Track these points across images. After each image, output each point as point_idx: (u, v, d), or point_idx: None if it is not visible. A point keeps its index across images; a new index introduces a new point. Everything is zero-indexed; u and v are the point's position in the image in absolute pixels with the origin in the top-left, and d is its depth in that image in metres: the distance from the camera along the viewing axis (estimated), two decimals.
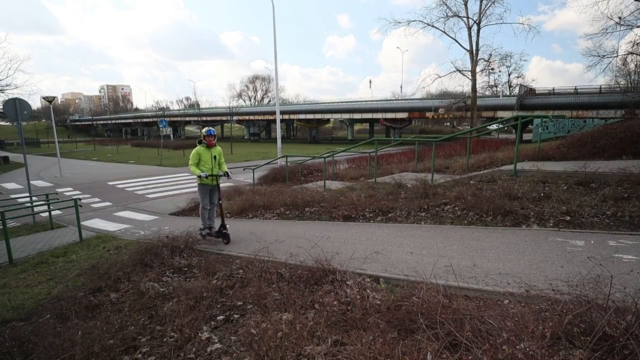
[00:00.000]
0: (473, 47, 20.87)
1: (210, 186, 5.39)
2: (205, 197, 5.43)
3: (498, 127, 32.86)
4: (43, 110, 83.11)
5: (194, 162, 5.24)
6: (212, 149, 5.36)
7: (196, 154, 5.24)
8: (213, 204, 5.50)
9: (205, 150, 5.30)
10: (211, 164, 5.32)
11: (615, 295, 2.15)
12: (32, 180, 13.14)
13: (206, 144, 5.28)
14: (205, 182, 5.27)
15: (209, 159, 5.32)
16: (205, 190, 5.41)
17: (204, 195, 5.43)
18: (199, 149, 5.27)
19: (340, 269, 3.23)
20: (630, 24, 14.22)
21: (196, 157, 5.24)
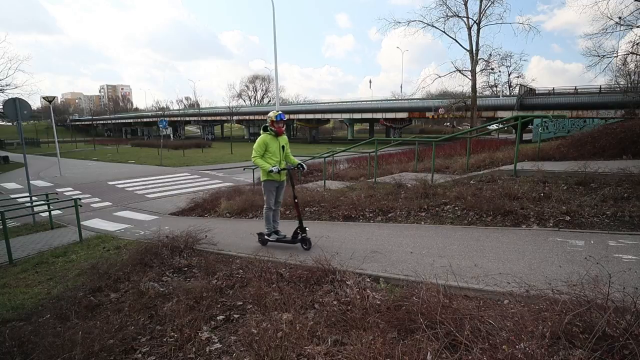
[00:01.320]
0: (473, 47, 20.88)
1: (277, 182, 4.60)
2: (272, 195, 4.64)
3: (498, 127, 32.89)
4: (43, 110, 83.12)
5: (260, 154, 4.43)
6: (280, 137, 4.57)
7: (262, 143, 4.43)
8: (279, 203, 4.80)
9: (273, 139, 4.49)
10: (279, 155, 4.54)
11: (615, 295, 2.15)
12: (32, 180, 13.14)
13: (274, 131, 4.47)
14: (273, 177, 4.50)
15: (277, 150, 4.52)
16: (272, 188, 4.60)
17: (270, 193, 4.63)
18: (265, 138, 4.46)
19: (340, 268, 3.23)
20: (630, 24, 14.20)
21: (262, 147, 4.43)
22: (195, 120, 65.85)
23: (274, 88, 65.27)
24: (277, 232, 4.75)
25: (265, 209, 4.70)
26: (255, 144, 4.45)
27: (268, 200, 4.65)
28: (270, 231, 4.74)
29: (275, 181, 4.56)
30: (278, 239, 4.67)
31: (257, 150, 4.44)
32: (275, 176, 4.49)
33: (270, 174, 4.43)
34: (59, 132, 34.60)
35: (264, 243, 4.85)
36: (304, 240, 4.40)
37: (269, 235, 4.74)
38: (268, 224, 4.74)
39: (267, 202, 4.66)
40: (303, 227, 4.37)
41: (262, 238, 4.85)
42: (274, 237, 4.70)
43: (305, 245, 4.40)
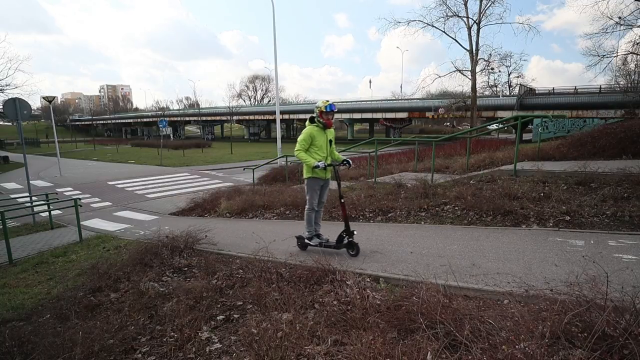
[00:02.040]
0: (473, 47, 20.89)
1: (322, 180, 4.16)
2: (316, 195, 4.18)
3: (498, 127, 32.88)
4: (43, 110, 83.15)
5: (304, 147, 4.00)
6: (328, 130, 4.15)
7: (308, 136, 3.98)
8: (322, 203, 4.37)
9: (320, 132, 4.05)
10: (326, 150, 4.11)
11: (614, 294, 2.16)
12: (32, 180, 13.14)
13: (323, 123, 4.03)
14: (318, 175, 4.06)
15: (324, 144, 4.08)
16: (317, 186, 4.15)
17: (315, 192, 4.17)
18: (311, 130, 4.01)
19: (340, 268, 3.24)
20: (630, 24, 14.24)
21: (308, 140, 3.98)
22: (195, 120, 65.84)
23: (274, 88, 65.24)
24: (318, 236, 4.29)
25: (308, 209, 4.24)
26: (301, 137, 4.00)
27: (311, 200, 4.20)
28: (311, 234, 4.28)
29: (320, 179, 4.12)
30: (320, 243, 4.21)
31: (301, 143, 3.98)
32: (321, 173, 4.05)
33: (315, 171, 3.98)
34: (59, 132, 34.60)
35: (303, 247, 4.39)
36: (350, 245, 3.94)
37: (310, 239, 4.29)
38: (310, 227, 4.29)
39: (310, 202, 4.20)
40: (350, 230, 3.89)
41: (302, 242, 4.37)
42: (315, 241, 4.24)
43: (352, 251, 3.93)
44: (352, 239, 3.91)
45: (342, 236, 3.96)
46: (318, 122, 4.06)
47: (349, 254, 3.93)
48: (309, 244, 4.28)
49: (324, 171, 4.03)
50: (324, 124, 4.05)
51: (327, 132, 4.14)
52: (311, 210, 4.22)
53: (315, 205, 4.21)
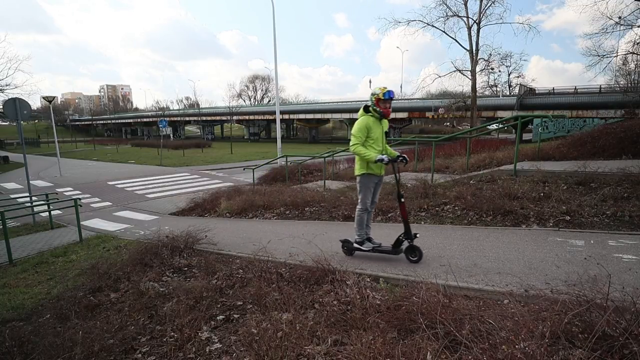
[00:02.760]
0: (473, 47, 20.87)
1: (377, 177, 3.72)
2: (370, 193, 3.75)
3: (498, 127, 32.89)
4: (43, 110, 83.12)
5: (361, 140, 3.56)
6: (383, 121, 3.72)
7: (364, 127, 3.56)
8: (375, 203, 3.94)
9: (376, 122, 3.64)
10: (382, 143, 3.68)
11: (615, 294, 2.16)
12: (32, 180, 13.14)
13: (380, 113, 3.59)
14: (373, 171, 3.64)
15: (380, 136, 3.66)
16: (371, 184, 3.72)
17: (369, 190, 3.72)
18: (367, 121, 3.59)
19: (340, 268, 3.23)
20: (630, 24, 14.23)
21: (364, 132, 3.56)
22: (195, 120, 65.87)
23: (273, 88, 65.30)
24: (370, 240, 3.86)
25: (360, 210, 3.77)
26: (355, 128, 3.58)
27: (364, 199, 3.74)
28: (362, 239, 3.82)
29: (375, 175, 3.69)
30: (375, 248, 3.76)
31: (357, 135, 3.55)
32: (376, 169, 3.64)
33: (371, 167, 3.60)
34: (59, 132, 34.60)
35: (349, 252, 3.95)
36: (411, 249, 3.53)
37: (361, 243, 3.82)
38: (361, 229, 3.82)
39: (363, 201, 3.75)
40: (411, 233, 3.50)
41: (350, 246, 3.94)
42: (367, 245, 3.79)
43: (412, 256, 3.53)
44: (412, 242, 3.52)
45: (400, 240, 3.58)
46: (374, 112, 3.60)
47: (408, 260, 3.56)
48: (360, 249, 3.84)
49: (380, 167, 3.64)
50: (381, 114, 3.59)
51: (383, 123, 3.71)
52: (364, 211, 3.77)
53: (369, 205, 3.78)
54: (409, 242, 3.53)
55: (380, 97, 3.52)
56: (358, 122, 3.61)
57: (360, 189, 3.76)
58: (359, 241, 3.84)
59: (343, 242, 4.04)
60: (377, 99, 3.55)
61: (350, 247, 3.94)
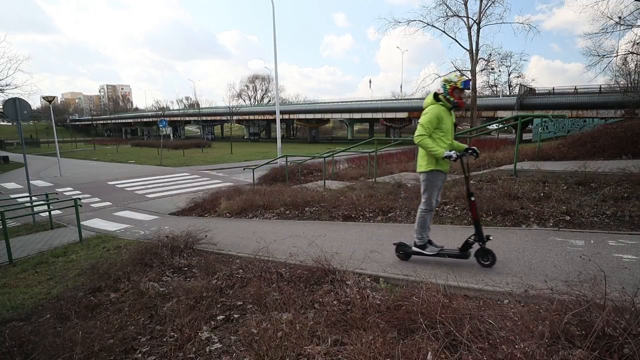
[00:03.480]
0: (473, 47, 20.88)
1: (444, 174, 3.40)
2: (436, 191, 3.43)
3: (498, 127, 32.89)
4: (43, 110, 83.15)
5: (429, 132, 3.23)
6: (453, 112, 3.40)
7: (435, 118, 3.21)
8: (438, 202, 3.63)
9: (447, 113, 3.30)
10: (451, 136, 3.37)
11: (614, 294, 2.16)
12: (32, 180, 13.14)
13: (453, 103, 3.26)
14: (443, 167, 3.32)
15: (451, 128, 3.35)
16: (439, 181, 3.40)
17: (436, 188, 3.40)
18: (439, 110, 3.23)
19: (340, 268, 3.24)
20: (630, 24, 14.22)
21: (434, 123, 3.22)
22: (195, 120, 65.89)
23: (273, 88, 65.32)
24: (431, 242, 3.53)
25: (423, 210, 3.43)
26: (425, 118, 3.23)
27: (430, 198, 3.40)
28: (424, 241, 3.48)
29: (442, 172, 3.36)
30: (440, 252, 3.42)
31: (427, 126, 3.21)
32: (444, 165, 3.32)
33: (440, 163, 3.27)
34: (59, 132, 34.62)
35: (406, 257, 3.63)
36: (483, 253, 3.21)
37: (423, 246, 3.48)
38: (423, 231, 3.47)
39: (428, 201, 3.41)
40: (483, 235, 3.19)
41: (407, 250, 3.61)
42: (431, 249, 3.45)
43: (485, 260, 3.20)
44: (484, 244, 3.20)
45: (469, 242, 3.26)
46: (445, 101, 3.26)
47: (480, 264, 3.24)
48: (422, 252, 3.48)
49: (447, 162, 3.30)
50: (454, 104, 3.26)
51: (452, 114, 3.40)
52: (428, 212, 3.43)
53: (435, 204, 3.46)
54: (481, 244, 3.21)
55: (458, 86, 3.19)
56: (428, 112, 3.24)
57: (426, 187, 3.40)
58: (421, 244, 3.50)
59: (398, 246, 3.68)
60: (453, 87, 3.19)
61: (408, 251, 3.59)
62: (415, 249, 3.53)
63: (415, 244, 3.52)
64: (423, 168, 3.35)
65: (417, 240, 3.50)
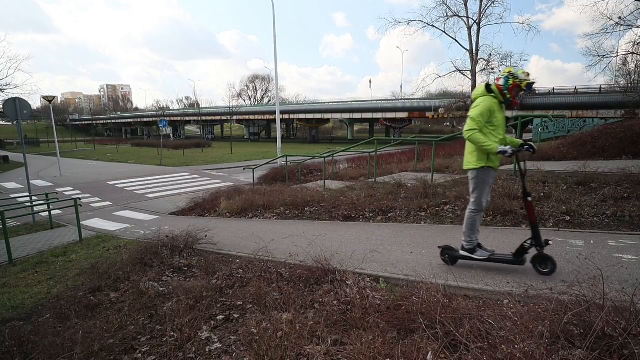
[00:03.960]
0: (473, 47, 20.86)
1: (494, 171, 3.18)
2: (487, 189, 3.19)
3: None
4: (43, 110, 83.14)
5: (481, 125, 3.00)
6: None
7: (487, 111, 2.99)
8: (488, 202, 3.34)
9: (499, 106, 3.09)
10: (503, 131, 3.14)
11: (614, 294, 2.16)
12: (32, 179, 13.14)
13: (509, 100, 3.03)
14: (494, 163, 3.10)
15: (503, 123, 3.12)
16: (490, 178, 3.17)
17: (486, 186, 3.16)
18: (491, 103, 3.02)
19: (340, 268, 3.24)
20: (630, 24, 14.22)
21: (486, 116, 3.00)
22: (195, 120, 65.90)
23: (273, 88, 65.35)
24: (480, 246, 3.25)
25: (472, 211, 3.18)
26: (476, 111, 3.00)
27: (480, 198, 3.15)
28: (473, 245, 3.21)
29: (493, 169, 3.14)
30: (491, 257, 3.15)
31: (477, 119, 2.98)
32: (496, 162, 3.10)
33: (491, 159, 3.05)
34: (59, 131, 34.61)
35: (452, 262, 3.37)
36: (542, 259, 2.94)
37: (473, 250, 3.21)
38: (472, 234, 3.21)
39: (478, 200, 3.15)
40: (541, 239, 2.90)
41: (454, 254, 3.35)
42: (481, 253, 3.19)
43: (543, 267, 2.93)
44: (542, 249, 2.93)
45: (524, 247, 2.98)
46: (499, 95, 3.03)
47: (537, 271, 2.95)
48: (471, 257, 3.22)
49: (498, 159, 3.10)
50: (508, 101, 3.05)
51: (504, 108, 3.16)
52: (478, 212, 3.18)
53: (485, 204, 3.21)
54: (539, 250, 2.93)
55: (522, 87, 2.96)
56: (479, 104, 3.02)
57: (475, 185, 3.15)
58: (470, 248, 3.23)
59: (444, 249, 3.42)
60: (516, 85, 2.96)
61: (455, 255, 3.34)
62: (464, 253, 3.27)
63: (463, 248, 3.27)
64: (472, 165, 3.12)
65: (466, 243, 3.25)
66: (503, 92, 3.02)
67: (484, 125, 3.01)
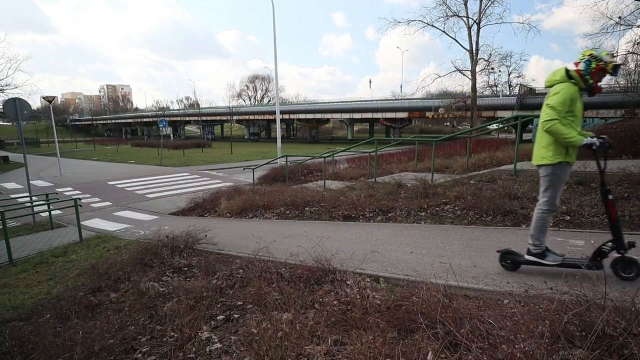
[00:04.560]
0: (473, 47, 20.87)
1: (570, 167, 2.87)
2: (562, 187, 2.91)
3: (498, 127, 32.88)
4: (43, 110, 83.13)
5: (561, 115, 2.66)
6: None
7: (568, 99, 2.67)
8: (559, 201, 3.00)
9: (579, 94, 2.76)
10: (580, 123, 2.83)
11: (615, 294, 2.16)
12: (32, 180, 13.14)
13: (591, 86, 2.72)
14: (571, 159, 2.80)
15: (581, 114, 2.82)
16: (567, 175, 2.88)
17: (562, 184, 2.88)
18: (573, 90, 2.70)
19: (340, 268, 3.24)
20: (630, 24, 14.22)
21: (567, 104, 2.68)
22: (195, 120, 65.92)
23: (273, 88, 65.35)
24: (549, 250, 2.94)
25: (544, 211, 2.88)
26: (557, 99, 2.67)
27: (554, 196, 2.85)
28: (542, 248, 2.90)
29: (570, 165, 2.84)
30: (564, 262, 2.84)
31: (559, 108, 2.65)
32: (574, 157, 2.80)
33: (569, 154, 2.76)
34: (59, 132, 34.61)
35: (514, 267, 3.06)
36: (625, 263, 2.64)
37: (542, 254, 2.90)
38: (542, 236, 2.90)
39: (552, 199, 2.86)
40: (623, 241, 2.63)
41: (517, 259, 3.04)
42: (553, 258, 2.87)
43: (626, 272, 2.63)
44: (625, 253, 2.63)
45: (603, 250, 2.68)
46: (580, 81, 2.71)
47: (618, 276, 2.65)
48: (540, 262, 2.90)
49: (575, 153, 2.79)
50: (590, 88, 2.72)
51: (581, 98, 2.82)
52: (550, 212, 2.89)
53: (557, 203, 2.91)
54: (622, 253, 2.64)
55: (607, 70, 2.65)
56: (559, 91, 2.68)
57: (550, 182, 2.85)
58: (538, 252, 2.91)
59: (504, 254, 3.11)
60: (600, 68, 2.65)
61: (518, 260, 3.03)
62: (530, 258, 2.94)
63: (530, 252, 2.94)
64: (548, 160, 2.81)
65: (533, 247, 2.92)
66: (584, 77, 2.70)
67: (565, 115, 2.69)
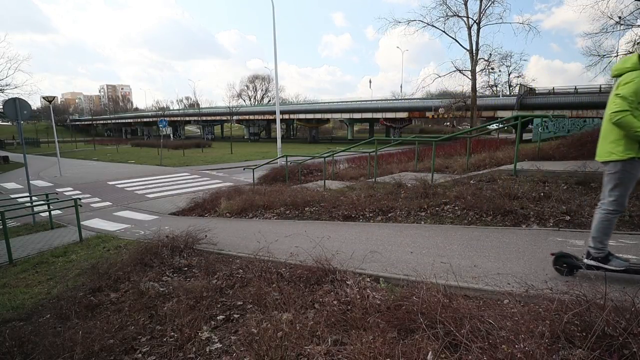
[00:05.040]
0: (473, 47, 20.87)
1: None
2: (631, 186, 2.62)
3: (498, 127, 32.91)
4: (43, 110, 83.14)
5: (633, 105, 2.43)
6: None
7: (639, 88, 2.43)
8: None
9: None
10: None
11: (615, 294, 2.16)
12: (32, 180, 13.15)
13: None
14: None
15: None
16: (638, 173, 2.58)
17: (632, 182, 2.60)
18: None
19: (340, 268, 3.24)
20: (630, 23, 14.22)
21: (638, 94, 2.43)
22: (195, 120, 65.92)
23: (273, 88, 65.38)
24: (611, 254, 2.67)
25: (611, 212, 2.63)
26: (629, 89, 2.42)
27: (623, 195, 2.60)
28: (605, 252, 2.66)
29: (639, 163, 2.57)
30: (631, 267, 2.60)
31: (631, 99, 2.42)
32: None
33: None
34: (59, 132, 34.62)
35: (569, 271, 2.81)
36: None
37: (605, 259, 2.65)
38: (605, 238, 2.67)
39: (620, 199, 2.60)
40: None
41: (573, 263, 2.79)
42: (618, 263, 2.62)
43: None
44: None
45: None
46: None
47: None
48: (603, 267, 2.64)
49: None
50: None
51: None
52: (617, 213, 2.64)
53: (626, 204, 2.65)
54: None
55: None
56: (632, 80, 2.43)
57: (619, 180, 2.58)
58: (600, 256, 2.66)
59: (558, 257, 2.85)
60: None
61: (575, 265, 2.77)
62: (590, 262, 2.69)
63: (590, 255, 2.71)
64: (618, 156, 2.55)
65: (595, 250, 2.68)
66: None
67: (637, 105, 2.43)
